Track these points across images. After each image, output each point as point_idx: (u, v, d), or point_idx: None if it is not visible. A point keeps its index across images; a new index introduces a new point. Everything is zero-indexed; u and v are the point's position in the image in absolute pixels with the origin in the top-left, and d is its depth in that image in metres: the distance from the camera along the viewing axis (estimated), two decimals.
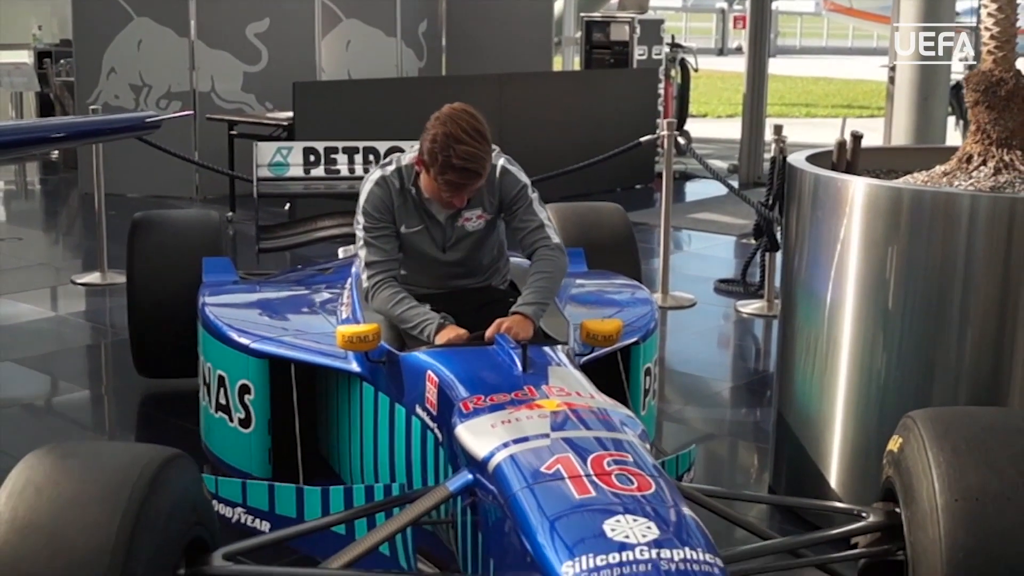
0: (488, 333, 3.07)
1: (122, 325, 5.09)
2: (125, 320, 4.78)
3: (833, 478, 3.67)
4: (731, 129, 13.25)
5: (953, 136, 9.98)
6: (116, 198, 8.56)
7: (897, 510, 2.62)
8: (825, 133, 10.60)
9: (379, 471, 3.22)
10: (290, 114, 8.54)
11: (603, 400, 2.68)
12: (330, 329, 3.47)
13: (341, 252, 5.12)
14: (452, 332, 3.13)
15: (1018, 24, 3.69)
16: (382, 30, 10.77)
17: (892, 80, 9.59)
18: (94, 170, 6.97)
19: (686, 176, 11.10)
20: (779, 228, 6.34)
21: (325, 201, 5.75)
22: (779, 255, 6.17)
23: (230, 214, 8.38)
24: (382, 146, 5.41)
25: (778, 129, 6.40)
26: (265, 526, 2.95)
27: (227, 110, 9.71)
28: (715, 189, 10.39)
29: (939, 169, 3.69)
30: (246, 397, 3.50)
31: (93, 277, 6.84)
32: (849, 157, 4.04)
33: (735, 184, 10.66)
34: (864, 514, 2.75)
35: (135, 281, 4.60)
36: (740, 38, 38.03)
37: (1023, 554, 2.32)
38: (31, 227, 9.41)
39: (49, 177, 11.39)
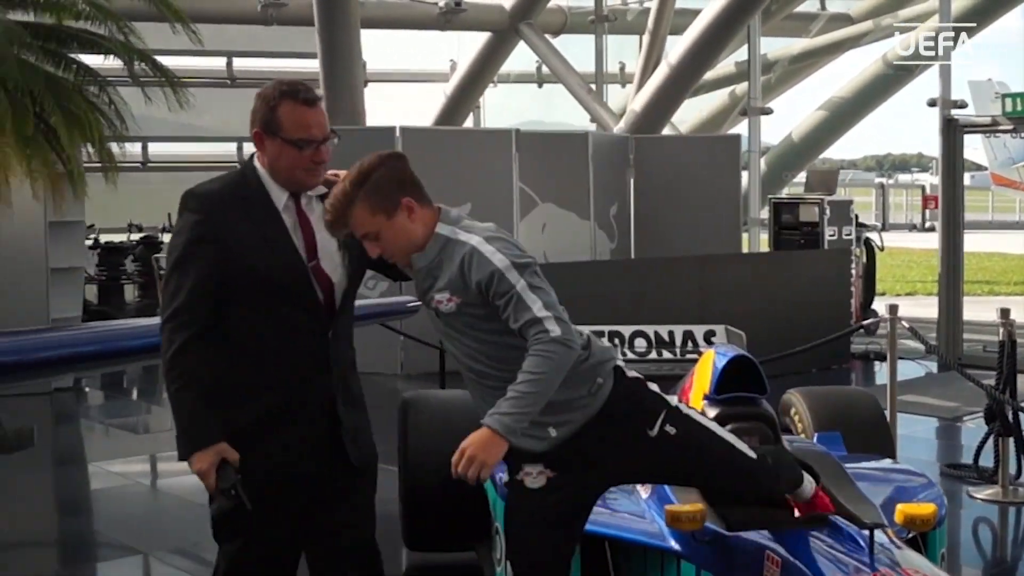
0: (454, 460, 2.74)
1: None
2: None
3: None
4: (911, 307, 13.00)
5: None
6: None
7: None
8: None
9: None
10: None
11: None
12: (631, 508, 3.62)
13: None
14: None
15: None
16: (576, 213, 11.16)
17: None
18: None
19: (879, 357, 10.94)
20: (1011, 411, 6.28)
21: None
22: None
23: None
24: (626, 330, 5.61)
25: (1005, 313, 6.37)
26: None
27: None
28: (911, 370, 10.25)
29: None
30: None
31: None
32: None
33: (934, 365, 10.58)
34: None
35: (409, 459, 4.79)
36: (900, 213, 37.72)
37: None
38: None
39: None
